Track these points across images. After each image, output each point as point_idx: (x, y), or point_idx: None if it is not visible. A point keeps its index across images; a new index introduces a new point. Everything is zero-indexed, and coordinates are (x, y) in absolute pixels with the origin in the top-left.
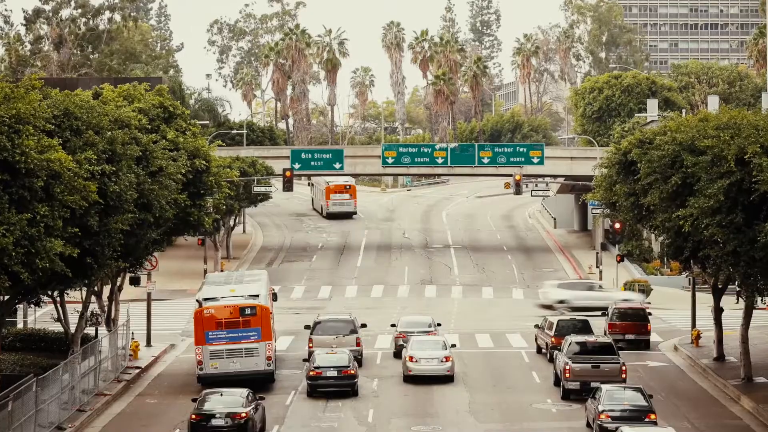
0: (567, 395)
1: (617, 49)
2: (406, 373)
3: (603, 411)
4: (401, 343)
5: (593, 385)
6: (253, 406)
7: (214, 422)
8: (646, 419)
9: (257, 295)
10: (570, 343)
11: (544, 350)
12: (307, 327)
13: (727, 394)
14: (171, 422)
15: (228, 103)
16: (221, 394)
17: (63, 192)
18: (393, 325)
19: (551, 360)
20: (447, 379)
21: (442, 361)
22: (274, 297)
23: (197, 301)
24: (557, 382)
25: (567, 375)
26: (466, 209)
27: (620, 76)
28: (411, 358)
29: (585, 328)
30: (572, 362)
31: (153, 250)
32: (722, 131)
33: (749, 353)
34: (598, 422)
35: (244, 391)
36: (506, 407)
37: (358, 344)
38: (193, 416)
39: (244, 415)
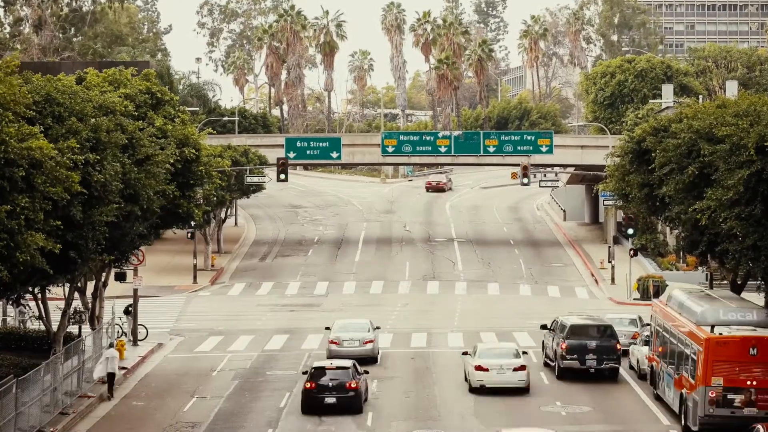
0: None
1: (630, 32)
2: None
3: None
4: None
5: None
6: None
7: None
8: None
9: None
10: None
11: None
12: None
13: None
14: (158, 425)
15: (219, 89)
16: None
17: (44, 182)
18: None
19: None
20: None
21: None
22: None
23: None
24: None
25: None
26: (471, 201)
27: (633, 60)
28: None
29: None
30: None
31: (140, 243)
32: (741, 118)
33: None
34: None
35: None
36: (513, 410)
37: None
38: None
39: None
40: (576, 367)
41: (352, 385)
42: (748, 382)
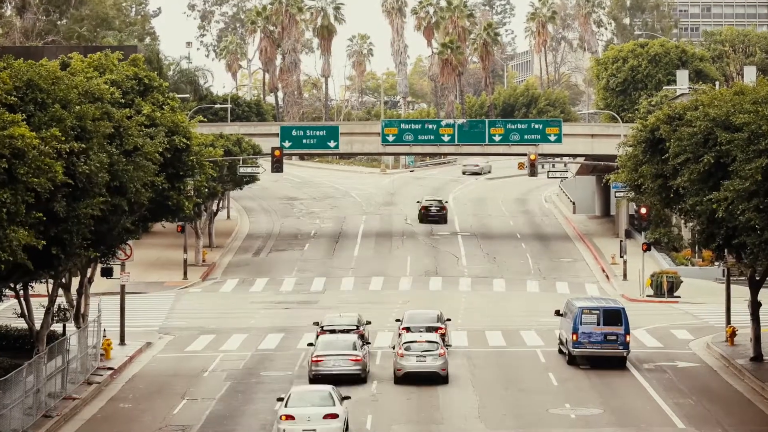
0: None
1: (643, 15)
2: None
3: None
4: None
5: None
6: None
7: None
8: None
9: None
10: None
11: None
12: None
13: (765, 398)
14: (147, 428)
15: (210, 75)
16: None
17: (27, 173)
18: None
19: None
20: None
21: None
22: None
23: None
24: None
25: None
26: (476, 192)
27: (647, 45)
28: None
29: None
30: None
31: (127, 237)
32: (760, 105)
33: None
34: None
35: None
36: (519, 412)
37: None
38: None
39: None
40: None
41: None
42: None
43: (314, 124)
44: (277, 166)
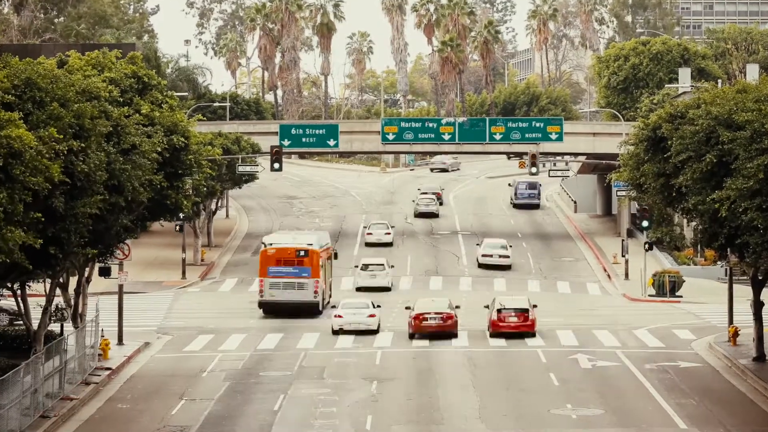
0: None
1: (645, 12)
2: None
3: None
4: None
5: None
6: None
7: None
8: None
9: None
10: None
11: None
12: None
13: (767, 398)
14: (145, 429)
15: (209, 73)
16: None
17: (24, 173)
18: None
19: None
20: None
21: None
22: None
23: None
24: None
25: None
26: (476, 191)
27: (648, 43)
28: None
29: None
30: None
31: (125, 236)
32: (763, 103)
33: None
34: None
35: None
36: (520, 413)
37: None
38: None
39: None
40: None
41: None
42: None
43: (314, 123)
44: (276, 165)
